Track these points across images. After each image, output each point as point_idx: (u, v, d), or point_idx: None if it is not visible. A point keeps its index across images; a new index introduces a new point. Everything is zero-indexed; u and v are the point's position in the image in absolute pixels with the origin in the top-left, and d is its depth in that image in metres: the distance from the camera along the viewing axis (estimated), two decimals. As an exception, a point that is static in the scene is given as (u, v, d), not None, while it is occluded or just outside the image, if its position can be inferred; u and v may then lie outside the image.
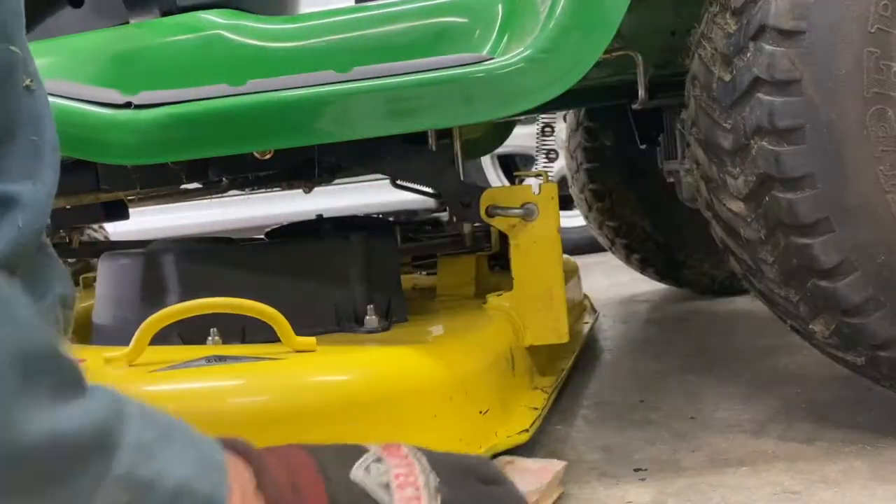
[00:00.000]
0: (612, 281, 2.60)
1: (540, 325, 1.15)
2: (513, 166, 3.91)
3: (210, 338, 1.05)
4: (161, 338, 0.98)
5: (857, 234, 0.91)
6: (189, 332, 1.07)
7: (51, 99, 0.58)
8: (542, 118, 3.47)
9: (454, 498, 0.63)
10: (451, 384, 0.93)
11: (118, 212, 1.46)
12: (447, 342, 1.04)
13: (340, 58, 1.05)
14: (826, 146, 0.90)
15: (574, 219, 2.91)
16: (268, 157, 1.10)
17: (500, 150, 2.78)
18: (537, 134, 3.54)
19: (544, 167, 3.48)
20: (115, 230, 2.27)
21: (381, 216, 2.56)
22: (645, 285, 2.38)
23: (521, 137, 3.35)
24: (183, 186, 1.49)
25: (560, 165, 3.38)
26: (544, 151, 3.54)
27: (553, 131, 3.52)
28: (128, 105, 0.97)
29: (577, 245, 3.11)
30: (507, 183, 3.56)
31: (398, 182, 1.62)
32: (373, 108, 0.96)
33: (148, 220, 3.11)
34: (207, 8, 1.11)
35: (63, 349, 0.47)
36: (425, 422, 0.90)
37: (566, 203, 2.45)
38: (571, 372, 1.41)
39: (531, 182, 1.19)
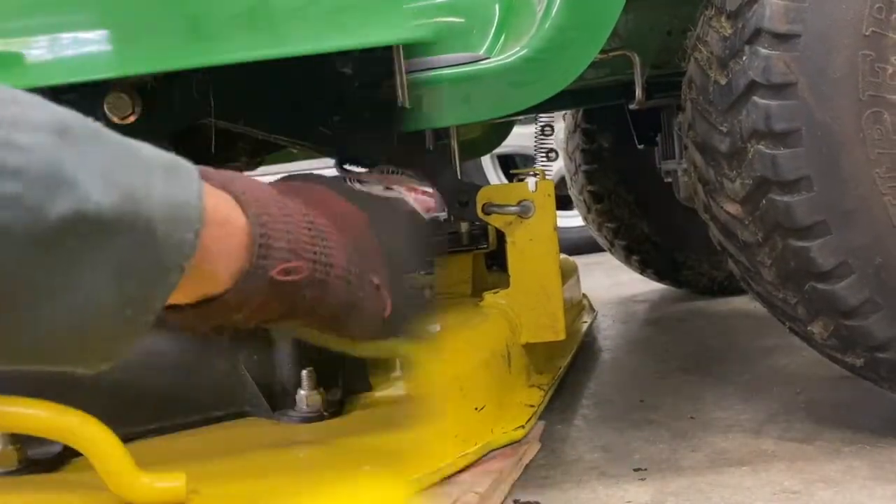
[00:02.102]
0: (612, 281, 2.61)
1: (536, 322, 1.15)
2: (512, 166, 3.91)
3: None
4: None
5: (854, 237, 0.91)
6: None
7: None
8: (542, 118, 3.47)
9: None
10: (445, 381, 0.93)
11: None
12: (442, 339, 1.04)
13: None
14: (822, 149, 0.90)
15: (573, 218, 2.91)
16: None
17: (500, 149, 2.78)
18: (536, 134, 3.54)
19: (543, 167, 3.47)
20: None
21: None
22: (644, 285, 2.38)
23: (521, 137, 3.35)
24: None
25: (559, 165, 3.37)
26: (543, 151, 3.54)
27: (552, 131, 3.51)
28: None
29: (577, 245, 3.11)
30: (506, 182, 3.56)
31: (397, 183, 1.62)
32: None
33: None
34: None
35: None
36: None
37: (566, 203, 2.46)
38: (570, 371, 1.41)
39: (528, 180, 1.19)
